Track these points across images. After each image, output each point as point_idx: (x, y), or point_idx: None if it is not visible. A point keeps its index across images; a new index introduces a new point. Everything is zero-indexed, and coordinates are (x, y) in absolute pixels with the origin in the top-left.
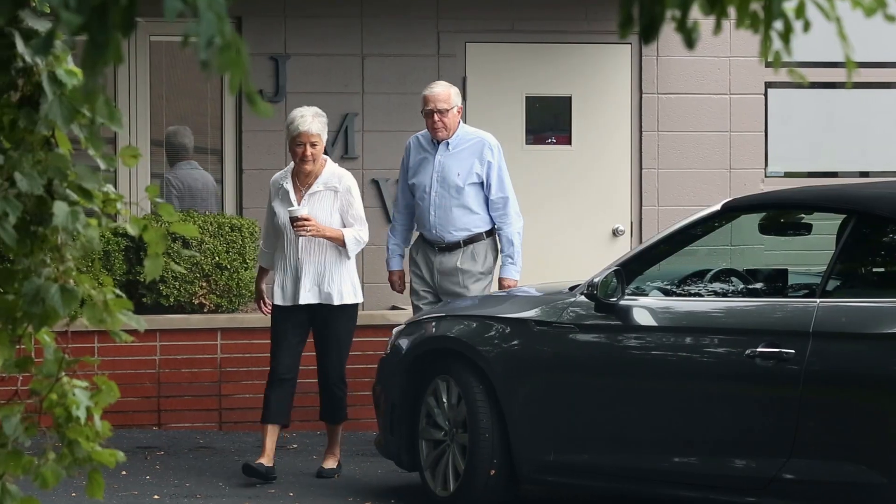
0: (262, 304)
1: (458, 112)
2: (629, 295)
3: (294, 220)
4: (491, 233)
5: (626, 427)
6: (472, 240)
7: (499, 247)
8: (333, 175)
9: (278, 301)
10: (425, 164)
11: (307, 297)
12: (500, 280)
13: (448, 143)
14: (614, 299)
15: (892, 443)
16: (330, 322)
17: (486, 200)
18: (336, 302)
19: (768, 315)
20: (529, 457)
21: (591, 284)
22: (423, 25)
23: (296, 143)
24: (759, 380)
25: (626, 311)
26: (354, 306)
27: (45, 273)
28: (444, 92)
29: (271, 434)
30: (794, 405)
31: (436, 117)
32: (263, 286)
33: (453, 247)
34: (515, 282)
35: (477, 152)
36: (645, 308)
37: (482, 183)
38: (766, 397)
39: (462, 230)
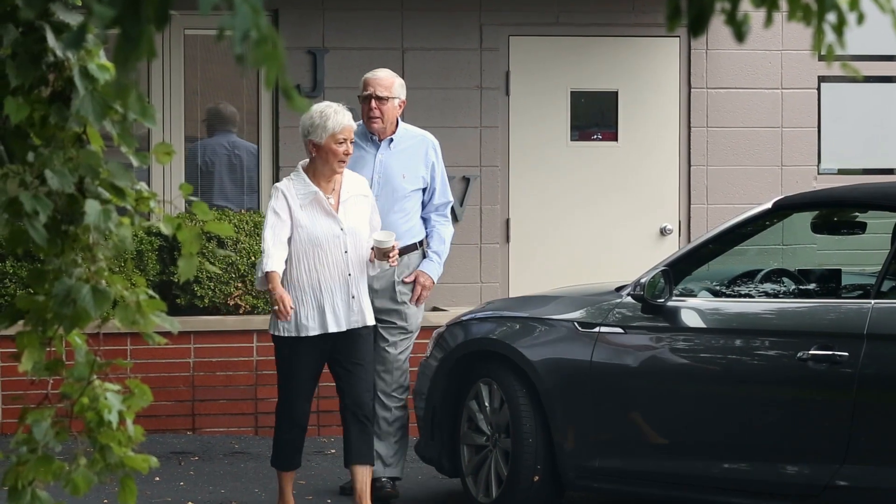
0: (287, 308)
1: (400, 106)
2: (677, 296)
3: (382, 249)
4: (422, 243)
5: (675, 432)
6: (408, 250)
7: (426, 244)
8: (354, 180)
9: (301, 332)
10: (362, 163)
11: (339, 323)
12: (418, 275)
13: (391, 140)
14: (662, 300)
15: None
16: (360, 346)
17: (421, 205)
18: (369, 322)
19: (821, 317)
20: (574, 463)
21: (637, 285)
22: (465, 18)
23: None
24: (812, 383)
25: (674, 312)
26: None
27: (77, 273)
28: (387, 78)
29: (289, 480)
30: (848, 410)
31: (373, 104)
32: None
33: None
34: (433, 282)
35: (421, 153)
36: (693, 309)
37: (425, 188)
38: (819, 402)
39: (399, 239)
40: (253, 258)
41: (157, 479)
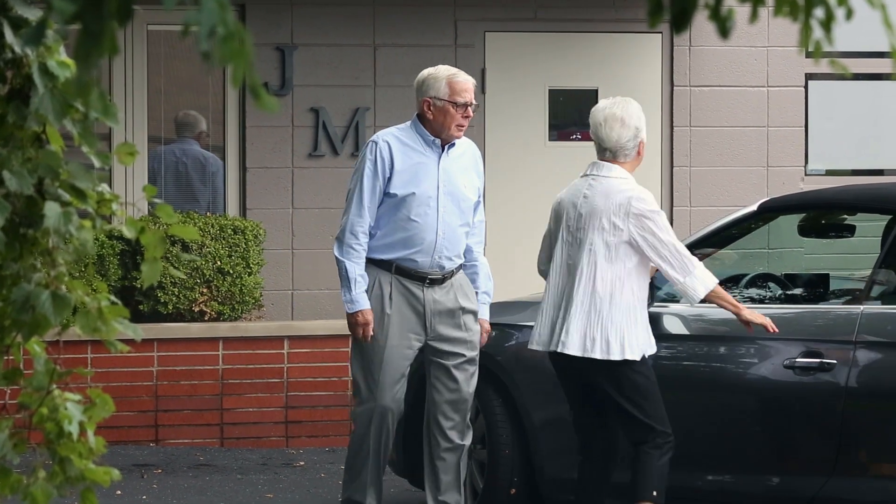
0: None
1: None
2: (659, 301)
3: None
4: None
5: None
6: (458, 270)
7: (474, 280)
8: None
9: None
10: (424, 170)
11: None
12: (482, 323)
13: (453, 146)
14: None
15: None
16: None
17: None
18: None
19: (808, 323)
20: (552, 475)
21: None
22: (439, 14)
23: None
24: (799, 392)
25: (655, 318)
26: None
27: (36, 279)
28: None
29: None
30: (837, 419)
31: (469, 112)
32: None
33: (443, 279)
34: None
35: (473, 161)
36: (675, 315)
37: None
38: (806, 411)
39: (458, 257)
40: (218, 263)
41: (119, 492)
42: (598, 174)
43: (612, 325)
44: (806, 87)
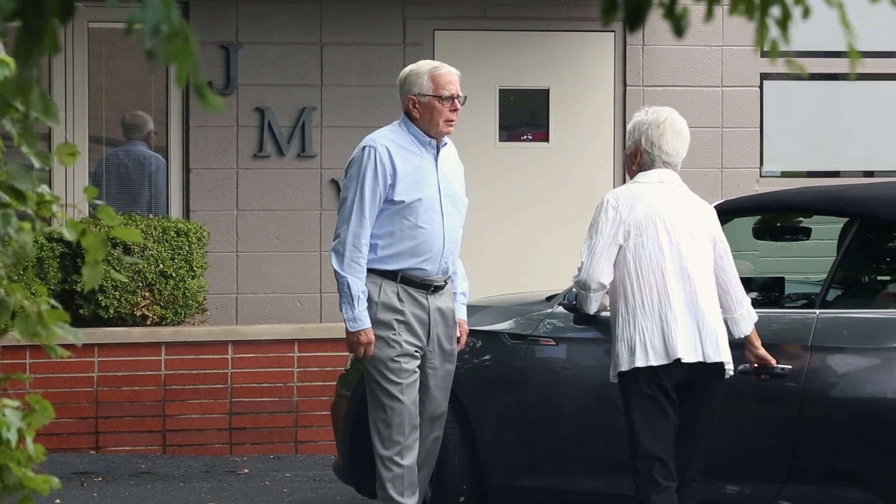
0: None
1: None
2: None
3: None
4: None
5: (608, 449)
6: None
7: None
8: None
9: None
10: (425, 174)
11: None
12: (460, 324)
13: (444, 146)
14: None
15: None
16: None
17: None
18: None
19: (763, 327)
20: (502, 482)
21: (568, 294)
22: (387, 12)
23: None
24: (753, 398)
25: (608, 323)
26: None
27: None
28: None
29: None
30: (792, 425)
31: (457, 105)
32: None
33: (444, 285)
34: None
35: (457, 159)
36: None
37: None
38: (761, 417)
39: (455, 261)
40: (161, 266)
41: (59, 501)
42: (674, 181)
43: (721, 324)
44: (761, 87)
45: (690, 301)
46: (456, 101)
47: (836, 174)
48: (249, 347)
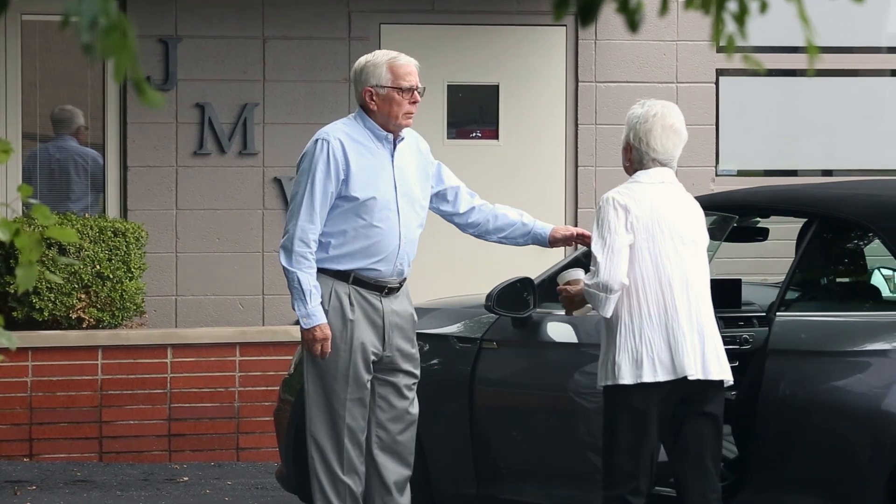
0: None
1: None
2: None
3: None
4: None
5: (554, 456)
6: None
7: (508, 215)
8: None
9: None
10: (381, 170)
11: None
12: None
13: (401, 141)
14: (524, 313)
15: (857, 473)
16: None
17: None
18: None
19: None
20: (450, 491)
21: (492, 295)
22: (332, 5)
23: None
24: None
25: (539, 325)
26: None
27: None
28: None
29: None
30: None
31: (417, 97)
32: None
33: (399, 287)
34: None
35: (419, 154)
36: (569, 323)
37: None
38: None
39: (412, 263)
40: (98, 267)
41: None
42: (674, 182)
43: (719, 338)
44: (717, 83)
45: (695, 314)
46: (416, 92)
47: (793, 173)
48: (189, 351)
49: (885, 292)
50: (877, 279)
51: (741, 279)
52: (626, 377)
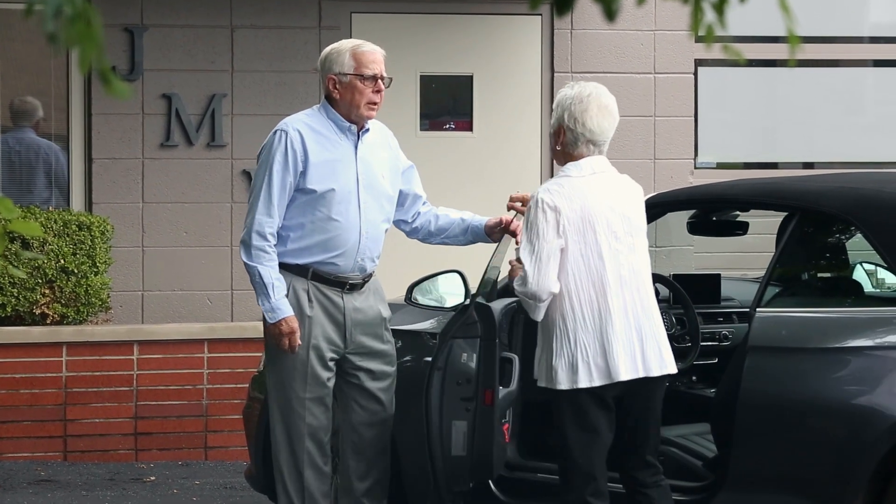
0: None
1: None
2: None
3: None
4: None
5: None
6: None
7: (448, 216)
8: None
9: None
10: (342, 162)
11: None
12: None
13: (367, 131)
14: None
15: (837, 472)
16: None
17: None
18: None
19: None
20: (424, 490)
21: (413, 288)
22: None
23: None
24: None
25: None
26: None
27: None
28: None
29: None
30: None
31: (381, 85)
32: None
33: (363, 283)
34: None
35: (388, 147)
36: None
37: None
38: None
39: (378, 258)
40: (62, 261)
41: None
42: (605, 169)
43: (662, 332)
44: (696, 73)
45: (631, 312)
46: (380, 81)
47: (774, 165)
48: (156, 348)
49: (868, 288)
50: (859, 274)
51: (721, 274)
52: (563, 383)
